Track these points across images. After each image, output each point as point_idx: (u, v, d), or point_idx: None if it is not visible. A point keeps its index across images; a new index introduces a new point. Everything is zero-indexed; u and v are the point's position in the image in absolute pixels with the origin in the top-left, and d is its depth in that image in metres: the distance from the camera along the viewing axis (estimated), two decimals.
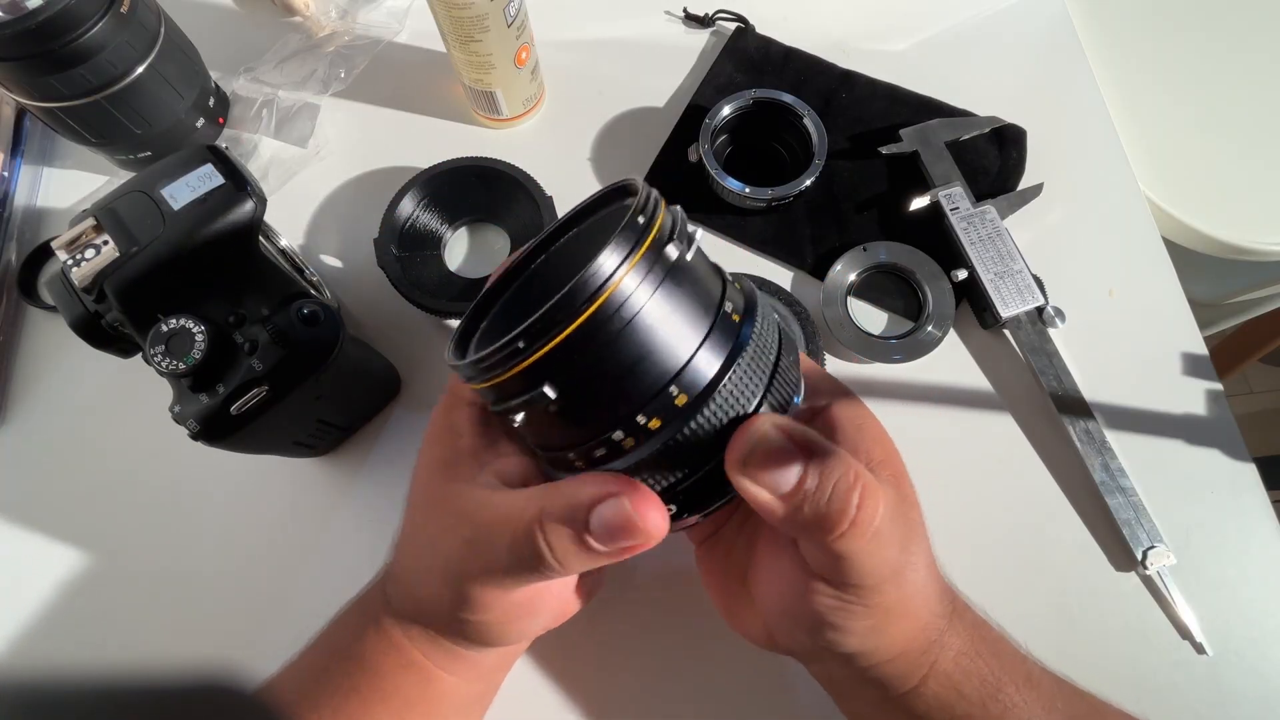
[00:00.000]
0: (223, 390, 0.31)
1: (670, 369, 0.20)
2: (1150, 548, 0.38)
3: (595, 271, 0.18)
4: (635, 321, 0.19)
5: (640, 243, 0.19)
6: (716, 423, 0.20)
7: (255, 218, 0.33)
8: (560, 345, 0.19)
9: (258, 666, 0.30)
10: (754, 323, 0.21)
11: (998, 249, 0.43)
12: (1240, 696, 0.36)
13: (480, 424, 0.27)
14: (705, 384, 0.20)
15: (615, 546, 0.20)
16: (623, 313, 0.19)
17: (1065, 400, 0.41)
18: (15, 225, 0.47)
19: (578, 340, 0.19)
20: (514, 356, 0.19)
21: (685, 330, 0.20)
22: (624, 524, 0.20)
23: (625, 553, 0.21)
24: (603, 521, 0.20)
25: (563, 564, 0.21)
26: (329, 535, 0.40)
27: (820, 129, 0.45)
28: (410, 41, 0.53)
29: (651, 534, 0.20)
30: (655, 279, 0.19)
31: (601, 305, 0.18)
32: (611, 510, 0.20)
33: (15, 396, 0.43)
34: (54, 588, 0.40)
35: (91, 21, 0.37)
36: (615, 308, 0.19)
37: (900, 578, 0.23)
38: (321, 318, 0.33)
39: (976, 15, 0.53)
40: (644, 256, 0.19)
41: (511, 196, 0.45)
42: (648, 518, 0.20)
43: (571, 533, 0.20)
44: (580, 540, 0.20)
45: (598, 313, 0.19)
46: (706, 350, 0.20)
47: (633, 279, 0.19)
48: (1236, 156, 0.60)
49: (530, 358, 0.19)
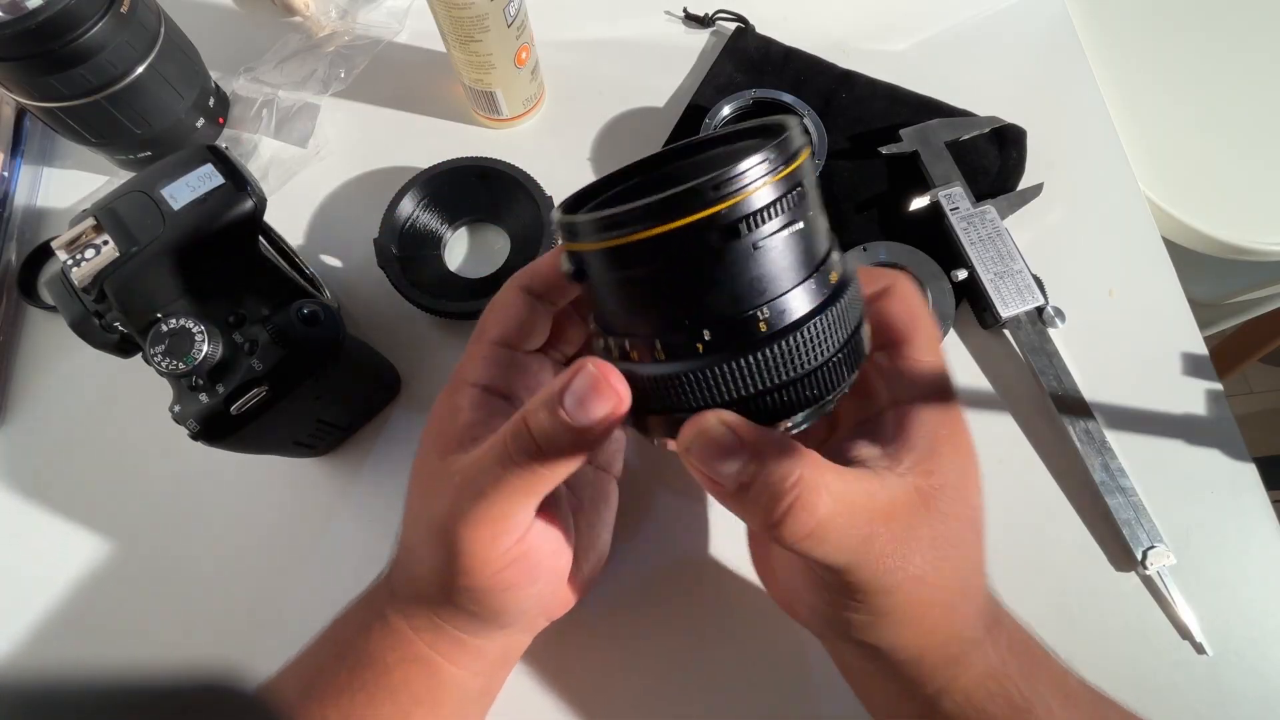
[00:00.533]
0: (223, 390, 0.31)
1: (769, 292, 0.20)
2: (1150, 548, 0.38)
3: (743, 168, 0.19)
4: (756, 234, 0.19)
5: (785, 164, 0.20)
6: (783, 362, 0.21)
7: (255, 218, 0.33)
8: (689, 226, 0.19)
9: (258, 666, 0.30)
10: (847, 290, 0.22)
11: (998, 249, 0.43)
12: (1240, 696, 0.36)
13: (481, 403, 0.27)
14: (789, 321, 0.21)
15: (588, 415, 0.21)
16: (751, 220, 0.19)
17: (1065, 400, 0.41)
18: (15, 225, 0.47)
19: (702, 227, 0.19)
20: (642, 220, 0.19)
21: (793, 264, 0.21)
22: (591, 385, 0.21)
23: (601, 428, 0.21)
24: (573, 392, 0.21)
25: (543, 444, 0.22)
26: (329, 535, 0.40)
27: (820, 129, 0.45)
28: (410, 41, 0.53)
29: (619, 392, 0.21)
30: (787, 205, 0.20)
31: (738, 203, 0.19)
32: (581, 381, 0.21)
33: (15, 396, 0.43)
34: (54, 588, 0.40)
35: (91, 21, 0.37)
36: (748, 211, 0.19)
37: (900, 585, 0.23)
38: (321, 318, 0.33)
39: (976, 15, 0.53)
40: (785, 178, 0.20)
41: (511, 196, 0.45)
42: (611, 377, 0.21)
43: (547, 411, 0.22)
44: (556, 415, 0.21)
45: (733, 208, 0.19)
46: (801, 291, 0.21)
47: (769, 191, 0.19)
48: (1236, 156, 0.60)
49: (657, 229, 0.19)
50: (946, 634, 0.25)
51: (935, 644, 0.25)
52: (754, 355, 0.20)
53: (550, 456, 0.22)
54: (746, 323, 0.20)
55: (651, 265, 0.20)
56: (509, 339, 0.28)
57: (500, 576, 0.25)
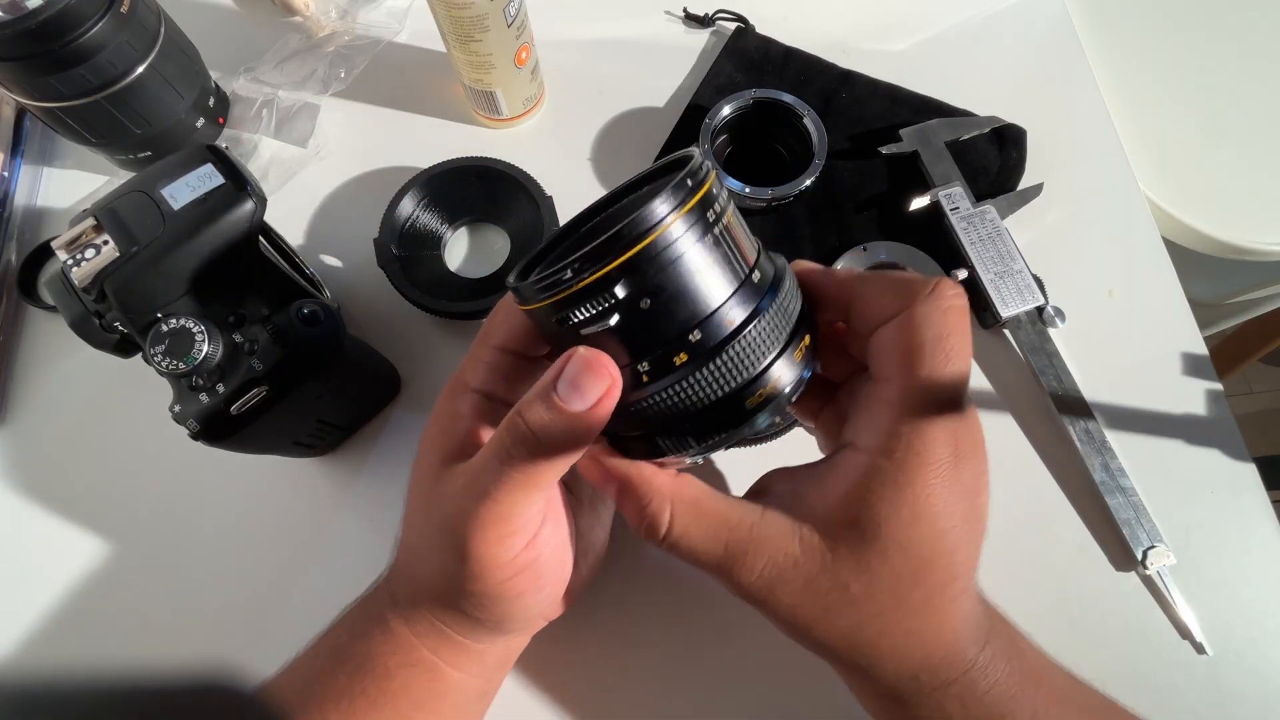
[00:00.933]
0: (223, 390, 0.31)
1: (698, 313, 0.22)
2: (1150, 548, 0.38)
3: (649, 211, 0.21)
4: (676, 263, 0.21)
5: (688, 199, 0.21)
6: (726, 374, 0.22)
7: (255, 218, 0.33)
8: (609, 273, 0.21)
9: (258, 666, 0.30)
10: (778, 293, 0.23)
11: (998, 249, 0.43)
12: (1240, 696, 0.36)
13: (482, 410, 0.27)
14: (723, 335, 0.22)
15: (583, 399, 0.22)
16: (668, 253, 0.21)
17: (1065, 400, 0.41)
18: (15, 225, 0.47)
19: (626, 269, 0.21)
20: (562, 283, 0.21)
21: (716, 282, 0.22)
22: (582, 368, 0.22)
23: (596, 412, 0.22)
24: (565, 379, 0.22)
25: (539, 435, 0.22)
26: (329, 535, 0.40)
27: (820, 129, 0.45)
28: (410, 41, 0.53)
29: (611, 373, 0.22)
30: (697, 232, 0.22)
31: (652, 241, 0.21)
32: (573, 365, 0.22)
33: (15, 396, 0.43)
34: (54, 588, 0.40)
35: (91, 21, 0.37)
36: (662, 247, 0.21)
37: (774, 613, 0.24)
38: (321, 318, 0.33)
39: (976, 15, 0.54)
40: (691, 210, 0.21)
41: (511, 196, 0.45)
42: (602, 359, 0.22)
43: (542, 402, 0.22)
44: (551, 404, 0.22)
45: (648, 247, 0.21)
46: (733, 304, 0.22)
47: (679, 226, 0.21)
48: (1236, 156, 0.60)
49: (578, 284, 0.21)
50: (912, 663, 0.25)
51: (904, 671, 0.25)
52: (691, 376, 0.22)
53: (548, 448, 0.22)
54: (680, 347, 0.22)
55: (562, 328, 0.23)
56: (513, 344, 0.27)
57: (510, 584, 0.25)
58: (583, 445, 0.23)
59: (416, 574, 0.28)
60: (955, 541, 0.23)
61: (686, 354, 0.22)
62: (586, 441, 0.23)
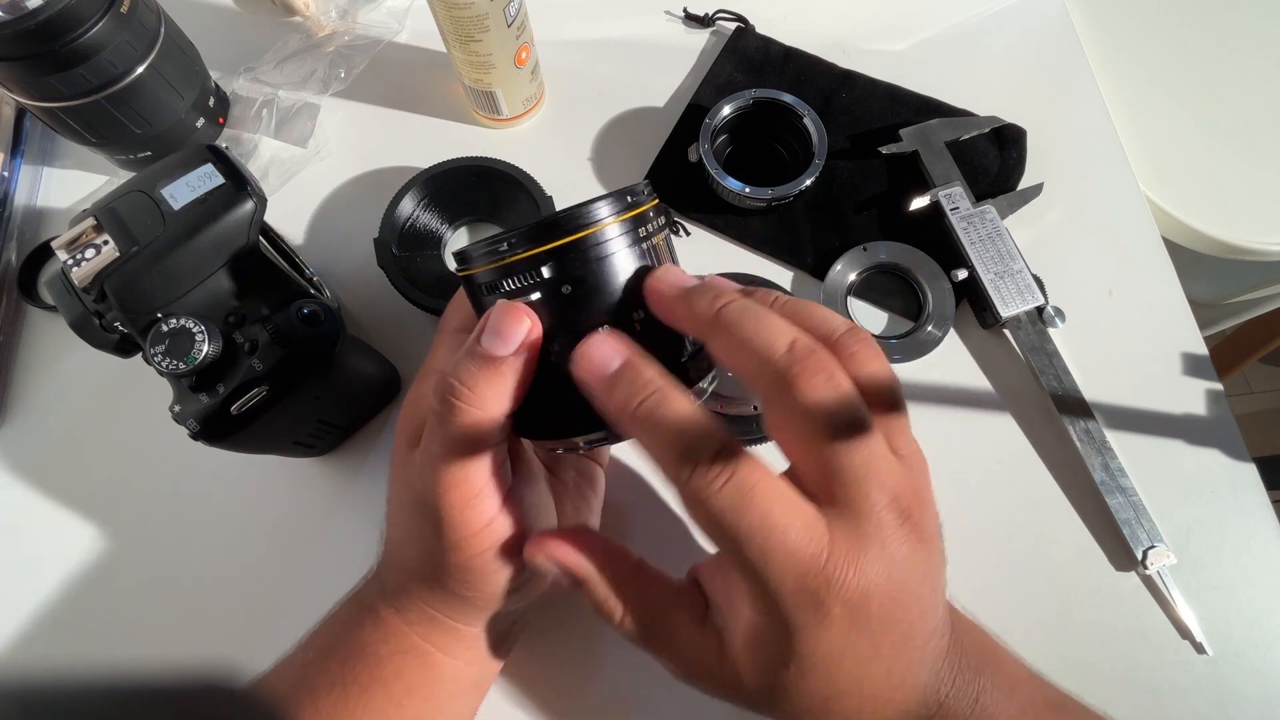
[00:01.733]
0: (223, 390, 0.31)
1: (611, 310, 0.24)
2: (1150, 548, 0.38)
3: (587, 210, 0.23)
4: (601, 262, 0.24)
5: (624, 211, 0.24)
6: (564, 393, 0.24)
7: (255, 218, 0.33)
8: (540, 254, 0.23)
9: (258, 666, 0.30)
10: (655, 329, 0.25)
11: (998, 249, 0.43)
12: (1240, 696, 0.36)
13: None
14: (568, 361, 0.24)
15: (502, 340, 0.23)
16: (595, 250, 0.23)
17: (1065, 400, 0.41)
18: (15, 225, 0.47)
19: (555, 254, 0.23)
20: (498, 253, 0.24)
21: (633, 288, 0.24)
22: (501, 313, 0.23)
23: (520, 351, 0.23)
24: (488, 329, 0.23)
25: (470, 386, 0.23)
26: (329, 535, 0.40)
27: (820, 129, 0.45)
28: (410, 41, 0.53)
29: (529, 314, 0.23)
30: (626, 240, 0.24)
31: (583, 236, 0.23)
32: (494, 315, 0.23)
33: (15, 396, 0.43)
34: (54, 588, 0.40)
35: (91, 21, 0.37)
36: (592, 244, 0.23)
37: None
38: (321, 318, 0.33)
39: (976, 15, 0.54)
40: (625, 221, 0.24)
41: (511, 196, 0.45)
42: (518, 306, 0.23)
43: (468, 356, 0.24)
44: (475, 353, 0.23)
45: (578, 240, 0.23)
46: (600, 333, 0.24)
47: (612, 230, 0.24)
48: (1236, 156, 0.60)
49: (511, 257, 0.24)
50: None
51: None
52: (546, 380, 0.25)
53: (480, 400, 0.23)
54: None
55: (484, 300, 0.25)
56: (471, 325, 0.28)
57: (488, 555, 0.25)
58: (511, 392, 0.24)
59: (401, 560, 0.28)
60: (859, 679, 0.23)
61: None
62: (513, 388, 0.24)
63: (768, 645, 0.22)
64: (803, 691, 0.23)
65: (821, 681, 0.22)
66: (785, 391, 0.21)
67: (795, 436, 0.22)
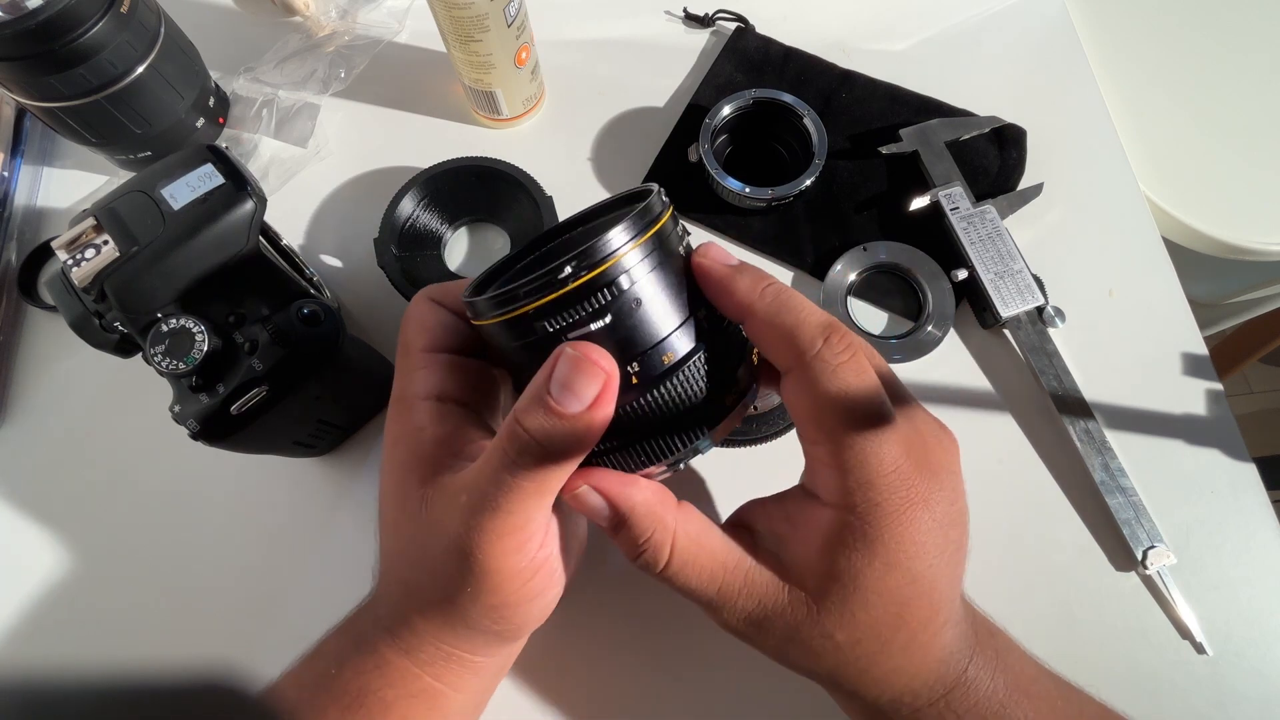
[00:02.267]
0: (223, 390, 0.31)
1: (633, 351, 0.22)
2: (1150, 548, 0.38)
3: (593, 250, 0.21)
4: (612, 302, 0.22)
5: (637, 237, 0.22)
6: (665, 400, 0.23)
7: (255, 218, 0.33)
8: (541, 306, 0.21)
9: (258, 667, 0.29)
10: (723, 328, 0.24)
11: (998, 249, 0.43)
12: (1240, 696, 0.36)
13: (442, 415, 0.26)
14: (657, 373, 0.23)
15: (577, 398, 0.21)
16: (620, 281, 0.21)
17: (1065, 400, 0.41)
18: (15, 225, 0.47)
19: (559, 305, 0.21)
20: (504, 305, 0.22)
21: (664, 314, 0.23)
22: (574, 367, 0.21)
23: (596, 405, 0.22)
24: (558, 379, 0.21)
25: (542, 441, 0.22)
26: (329, 535, 0.40)
27: (820, 129, 0.45)
28: (410, 41, 0.53)
29: (603, 367, 0.21)
30: (642, 271, 0.22)
31: (606, 269, 0.21)
32: (563, 366, 0.21)
33: (15, 396, 0.43)
34: (54, 587, 0.40)
35: (91, 21, 0.37)
36: (616, 275, 0.21)
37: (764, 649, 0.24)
38: (321, 318, 0.33)
39: (976, 15, 0.54)
40: (637, 249, 0.22)
41: (511, 196, 0.45)
42: (592, 353, 0.21)
43: (539, 406, 0.22)
44: (547, 407, 0.21)
45: (602, 274, 0.21)
46: (671, 341, 0.23)
47: (634, 255, 0.22)
48: (1236, 156, 0.60)
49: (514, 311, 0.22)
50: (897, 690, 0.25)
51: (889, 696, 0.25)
52: (628, 406, 0.23)
53: (553, 454, 0.22)
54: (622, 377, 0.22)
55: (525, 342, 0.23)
56: (438, 344, 0.27)
57: (529, 587, 0.24)
58: (588, 445, 0.23)
59: (413, 599, 0.26)
60: (933, 579, 0.24)
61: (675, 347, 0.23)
62: (592, 441, 0.22)
63: (853, 538, 0.23)
64: (885, 587, 0.23)
65: (903, 574, 0.23)
66: (822, 376, 0.23)
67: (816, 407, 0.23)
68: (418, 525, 0.25)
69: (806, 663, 0.25)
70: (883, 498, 0.23)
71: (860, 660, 0.24)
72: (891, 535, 0.23)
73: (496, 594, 0.24)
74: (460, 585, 0.24)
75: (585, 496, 0.24)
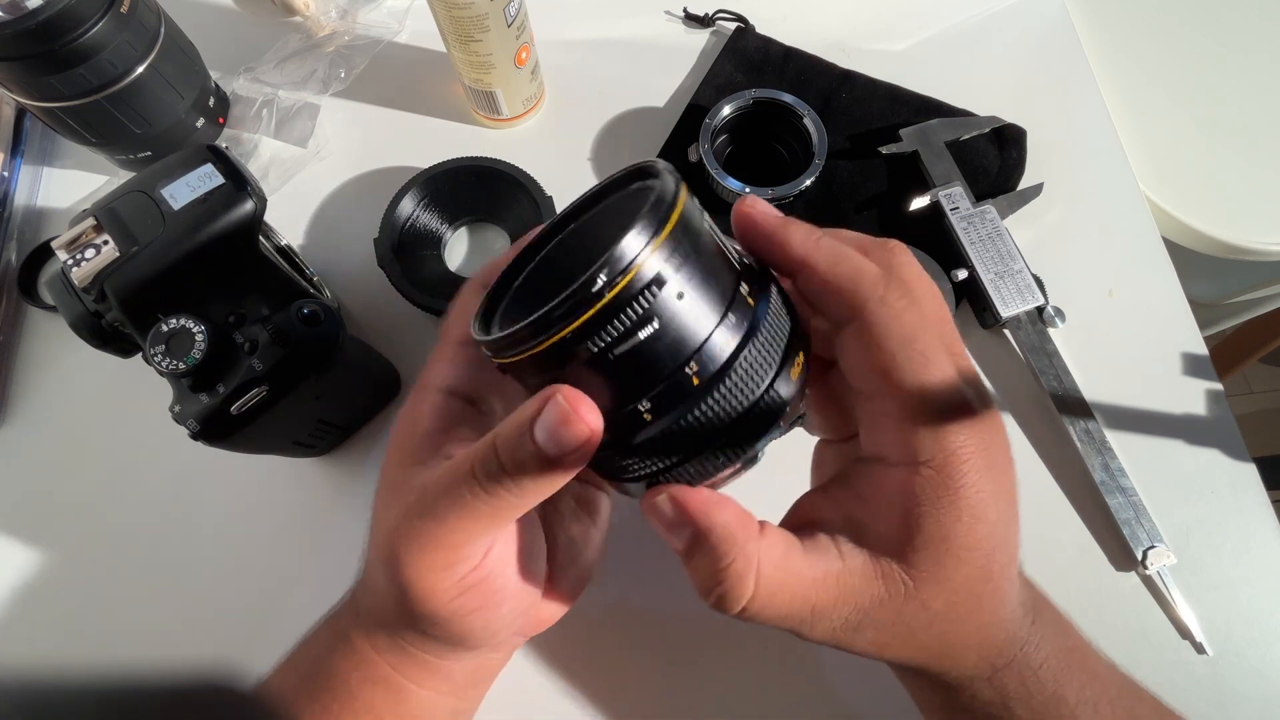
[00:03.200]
0: (223, 390, 0.31)
1: (687, 350, 0.20)
2: (1150, 548, 0.38)
3: (620, 253, 0.19)
4: (656, 303, 0.19)
5: (663, 226, 0.19)
6: (728, 404, 0.21)
7: (255, 217, 0.33)
8: (581, 326, 0.19)
9: (258, 667, 0.30)
10: (768, 301, 0.22)
11: (998, 249, 0.43)
12: (1240, 696, 0.36)
13: (443, 410, 0.25)
14: (719, 365, 0.20)
15: (559, 447, 0.20)
16: (645, 295, 0.19)
17: (1065, 400, 0.41)
18: (15, 225, 0.47)
19: (599, 320, 0.19)
20: (536, 335, 0.19)
21: (711, 301, 0.21)
22: (560, 419, 0.20)
23: (573, 459, 0.21)
24: (544, 423, 0.20)
25: (511, 470, 0.21)
26: (329, 535, 0.40)
27: (820, 129, 0.45)
28: (410, 41, 0.53)
29: (589, 425, 0.20)
30: (676, 261, 0.20)
31: (625, 286, 0.19)
32: (550, 412, 0.20)
33: (15, 396, 0.43)
34: (54, 587, 0.40)
35: (91, 21, 0.37)
36: (653, 271, 0.19)
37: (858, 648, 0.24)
38: (321, 318, 0.33)
39: (976, 15, 0.54)
40: (666, 239, 0.19)
41: (511, 196, 0.45)
42: (581, 408, 0.20)
43: (518, 436, 0.21)
44: (526, 441, 0.21)
45: (638, 275, 0.19)
46: (723, 330, 0.21)
47: (656, 260, 0.19)
48: (1236, 156, 0.60)
49: (550, 339, 0.19)
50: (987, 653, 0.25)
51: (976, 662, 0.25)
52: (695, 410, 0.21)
53: (520, 485, 0.21)
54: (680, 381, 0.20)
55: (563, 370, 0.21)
56: (468, 337, 0.26)
57: (458, 603, 0.23)
58: (549, 492, 0.22)
59: (373, 588, 0.26)
60: (1007, 523, 0.23)
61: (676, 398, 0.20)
62: (560, 483, 0.22)
63: (936, 494, 0.22)
64: (974, 540, 0.22)
65: (985, 524, 0.22)
66: (887, 323, 0.22)
67: (890, 366, 0.22)
68: (383, 509, 0.25)
69: (905, 648, 0.24)
70: (958, 444, 0.22)
71: (956, 625, 0.24)
72: (970, 484, 0.22)
73: (421, 604, 0.23)
74: (387, 585, 0.23)
75: (662, 507, 0.22)
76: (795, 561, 0.23)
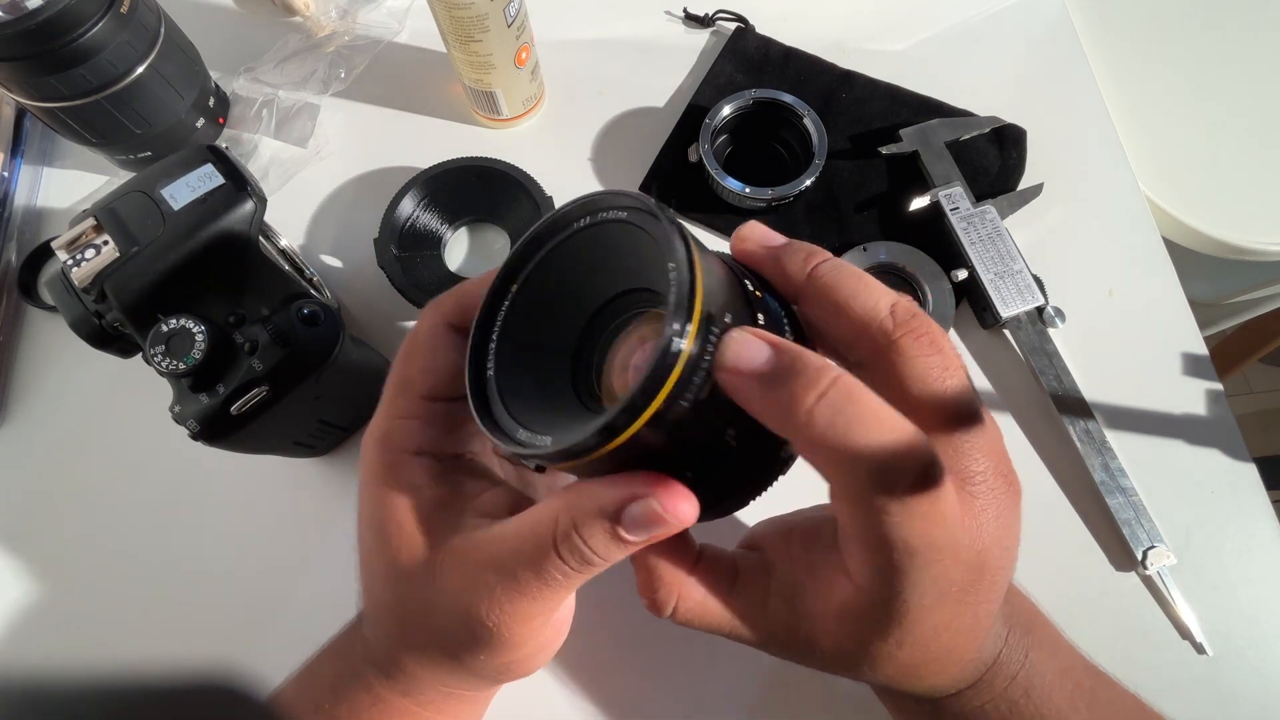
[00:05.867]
0: (223, 390, 0.31)
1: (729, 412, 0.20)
2: (1150, 548, 0.38)
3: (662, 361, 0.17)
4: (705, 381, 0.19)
5: (692, 310, 0.18)
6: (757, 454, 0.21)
7: (255, 218, 0.33)
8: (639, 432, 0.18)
9: (258, 667, 0.29)
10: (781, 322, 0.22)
11: (998, 249, 0.43)
12: (1240, 696, 0.36)
13: (440, 475, 0.24)
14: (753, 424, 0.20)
15: (646, 534, 0.20)
16: (695, 380, 0.18)
17: (1065, 400, 0.41)
18: (15, 225, 0.47)
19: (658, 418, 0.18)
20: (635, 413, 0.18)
21: None
22: (653, 519, 0.20)
23: (659, 538, 0.21)
24: (633, 518, 0.20)
25: (596, 560, 0.21)
26: (329, 535, 0.40)
27: (820, 129, 0.45)
28: (410, 41, 0.53)
29: (683, 523, 0.20)
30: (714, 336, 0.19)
31: (676, 383, 0.18)
32: (641, 509, 0.20)
33: (15, 396, 0.43)
34: (54, 587, 0.40)
35: (91, 21, 0.37)
36: (689, 378, 0.18)
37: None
38: (321, 318, 0.33)
39: (976, 15, 0.54)
40: (701, 322, 0.18)
41: (511, 196, 0.45)
42: (677, 511, 0.20)
43: (603, 529, 0.20)
44: (615, 535, 0.20)
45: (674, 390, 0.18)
46: None
47: (696, 347, 0.18)
48: (1236, 156, 0.60)
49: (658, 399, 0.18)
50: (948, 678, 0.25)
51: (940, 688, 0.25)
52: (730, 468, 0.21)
53: (601, 565, 0.21)
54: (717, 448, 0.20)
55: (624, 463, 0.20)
56: (441, 391, 0.24)
57: (546, 643, 0.24)
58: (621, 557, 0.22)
59: (414, 653, 0.25)
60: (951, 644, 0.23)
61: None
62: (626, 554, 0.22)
63: (868, 620, 0.22)
64: (895, 658, 0.22)
65: (918, 649, 0.22)
66: (889, 355, 0.21)
67: (897, 400, 0.20)
68: (422, 587, 0.23)
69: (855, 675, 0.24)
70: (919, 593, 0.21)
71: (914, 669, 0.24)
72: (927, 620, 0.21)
73: (512, 653, 0.23)
74: (473, 650, 0.23)
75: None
76: (711, 604, 0.24)
